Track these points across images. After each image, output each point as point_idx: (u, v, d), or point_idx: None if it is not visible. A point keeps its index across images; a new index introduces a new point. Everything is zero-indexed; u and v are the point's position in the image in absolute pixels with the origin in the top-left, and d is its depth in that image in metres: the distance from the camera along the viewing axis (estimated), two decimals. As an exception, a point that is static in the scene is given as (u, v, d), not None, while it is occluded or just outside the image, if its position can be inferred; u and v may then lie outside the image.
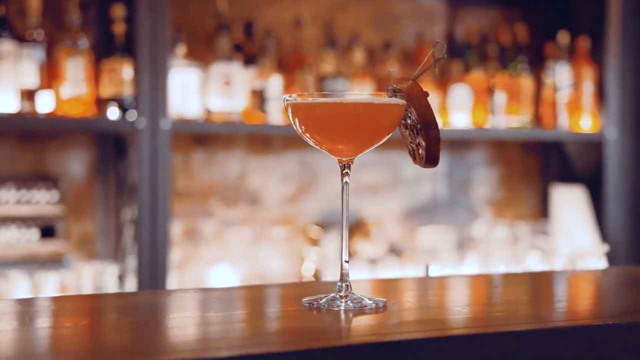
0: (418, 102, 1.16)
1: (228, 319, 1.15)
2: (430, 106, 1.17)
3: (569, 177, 3.84)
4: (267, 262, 3.51)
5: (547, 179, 3.97)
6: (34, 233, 3.05)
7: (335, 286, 1.24)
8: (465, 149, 3.89)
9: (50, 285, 2.92)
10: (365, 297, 1.22)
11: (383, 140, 1.24)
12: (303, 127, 1.23)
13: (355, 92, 1.57)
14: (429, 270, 1.59)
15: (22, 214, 3.03)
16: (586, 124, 3.66)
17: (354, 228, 3.61)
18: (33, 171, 3.12)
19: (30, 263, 3.02)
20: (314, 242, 3.53)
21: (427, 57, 1.18)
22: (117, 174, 3.17)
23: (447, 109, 3.53)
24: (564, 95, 3.67)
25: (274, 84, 3.22)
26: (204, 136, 3.40)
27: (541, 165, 4.01)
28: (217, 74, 3.15)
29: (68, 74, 2.89)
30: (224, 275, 3.34)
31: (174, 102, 3.04)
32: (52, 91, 2.92)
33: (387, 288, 1.47)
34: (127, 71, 2.95)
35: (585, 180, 3.74)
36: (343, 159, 1.25)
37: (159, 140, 2.93)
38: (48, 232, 3.08)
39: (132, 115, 2.93)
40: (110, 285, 2.99)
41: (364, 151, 1.24)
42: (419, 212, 3.79)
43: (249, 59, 3.25)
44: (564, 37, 3.70)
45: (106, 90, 2.96)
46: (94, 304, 1.30)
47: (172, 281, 3.09)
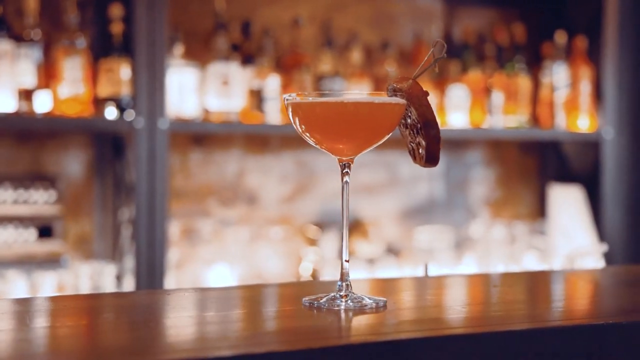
0: (418, 102, 1.16)
1: (227, 318, 1.15)
2: (431, 105, 1.17)
3: (566, 176, 3.84)
4: (264, 261, 3.51)
5: (545, 178, 3.97)
6: (32, 233, 3.04)
7: (333, 286, 1.24)
8: (463, 149, 3.90)
9: (48, 285, 2.92)
10: (365, 297, 1.22)
11: (383, 140, 1.24)
12: (303, 126, 1.22)
13: (355, 92, 1.57)
14: (428, 269, 1.59)
15: (20, 213, 3.03)
16: (583, 124, 3.66)
17: (352, 228, 3.62)
18: (30, 171, 3.12)
19: (28, 263, 3.02)
20: (311, 242, 3.53)
21: (427, 56, 1.18)
22: (114, 173, 3.16)
23: (445, 108, 3.53)
24: (561, 95, 3.67)
25: (271, 83, 3.22)
26: (201, 136, 3.40)
27: (538, 165, 4.02)
28: (215, 73, 3.15)
29: (65, 73, 2.89)
30: (222, 275, 3.34)
31: (171, 102, 3.04)
32: (50, 91, 2.92)
33: (386, 287, 1.47)
34: (124, 71, 2.94)
35: (582, 179, 3.74)
36: (343, 158, 1.25)
37: (156, 140, 2.92)
38: (46, 232, 3.07)
39: (129, 115, 2.93)
40: (108, 285, 2.98)
41: (364, 151, 1.24)
42: (416, 212, 3.79)
43: (247, 59, 3.25)
44: (561, 37, 3.70)
45: (104, 90, 2.96)
46: (91, 303, 1.30)
47: (170, 281, 3.09)
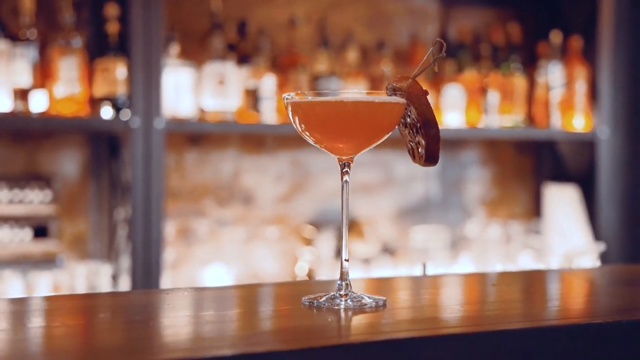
0: (418, 101, 1.16)
1: (226, 318, 1.15)
2: (430, 105, 1.17)
3: (561, 176, 3.85)
4: (260, 261, 3.50)
5: (540, 178, 3.98)
6: (27, 233, 3.03)
7: (330, 285, 1.24)
8: (458, 149, 3.90)
9: (44, 285, 2.91)
10: (365, 296, 1.22)
11: (383, 139, 1.24)
12: (303, 125, 1.22)
13: (354, 91, 1.57)
14: (426, 269, 1.59)
15: (15, 213, 3.02)
16: (579, 123, 3.67)
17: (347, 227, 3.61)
18: (26, 171, 3.11)
19: (24, 263, 3.01)
20: (307, 242, 3.53)
21: (426, 55, 1.18)
22: (110, 173, 3.16)
23: (441, 108, 3.53)
24: (556, 95, 3.68)
25: (267, 83, 3.22)
26: (197, 135, 3.40)
27: (534, 165, 4.02)
28: (211, 73, 3.14)
29: (61, 73, 2.88)
30: (218, 275, 3.34)
31: (167, 102, 3.04)
32: (46, 90, 2.91)
33: (383, 287, 1.47)
34: (120, 70, 2.94)
35: (577, 179, 3.75)
36: (343, 157, 1.25)
37: (152, 140, 2.92)
38: (41, 231, 3.06)
39: (125, 114, 2.93)
40: (104, 285, 2.98)
41: (364, 150, 1.24)
42: (412, 211, 3.79)
43: (243, 59, 3.25)
44: (556, 37, 3.71)
45: (100, 90, 2.95)
46: (87, 303, 1.29)
47: (166, 281, 3.09)
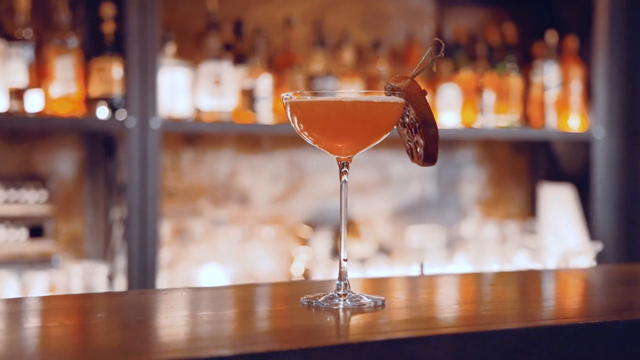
0: (416, 101, 1.16)
1: (224, 317, 1.15)
2: (429, 104, 1.17)
3: (557, 176, 3.85)
4: (256, 261, 3.50)
5: (536, 178, 3.98)
6: (23, 233, 3.03)
7: (327, 285, 1.24)
8: (454, 149, 3.90)
9: (39, 285, 2.91)
10: (363, 296, 1.22)
11: (382, 139, 1.24)
12: (302, 125, 1.22)
13: (353, 91, 1.57)
14: (423, 268, 1.59)
15: (11, 213, 3.01)
16: (574, 123, 3.68)
17: (344, 227, 3.61)
18: (22, 171, 3.10)
19: (19, 263, 3.01)
20: (303, 242, 3.53)
21: (424, 55, 1.18)
22: (106, 173, 3.15)
23: (436, 108, 3.53)
24: (552, 95, 3.68)
25: (263, 83, 3.22)
26: (193, 135, 3.40)
27: (530, 165, 4.03)
28: (207, 73, 3.14)
29: (57, 73, 2.88)
30: (214, 275, 3.33)
31: (163, 102, 3.03)
32: (41, 90, 2.91)
33: (380, 287, 1.47)
34: (116, 70, 2.94)
35: (573, 179, 3.76)
36: (341, 157, 1.25)
37: (148, 140, 2.92)
38: (37, 231, 3.06)
39: (121, 114, 2.92)
40: (100, 285, 2.98)
41: (363, 150, 1.24)
42: (408, 211, 3.79)
43: (239, 58, 3.25)
44: (552, 37, 3.71)
45: (95, 90, 2.95)
46: (83, 303, 1.29)
47: (162, 281, 3.09)
